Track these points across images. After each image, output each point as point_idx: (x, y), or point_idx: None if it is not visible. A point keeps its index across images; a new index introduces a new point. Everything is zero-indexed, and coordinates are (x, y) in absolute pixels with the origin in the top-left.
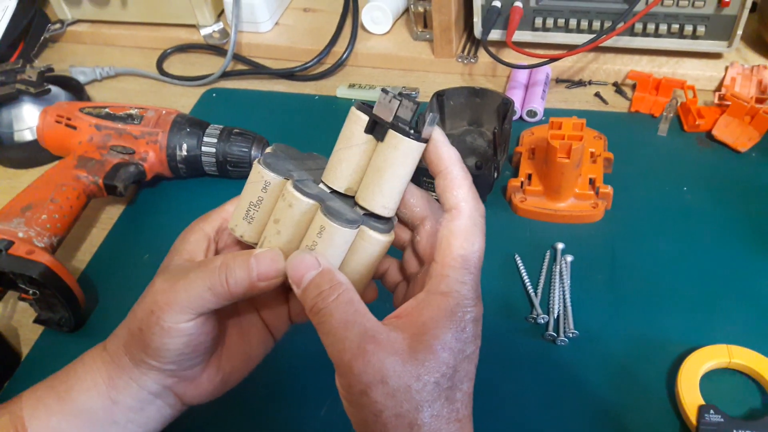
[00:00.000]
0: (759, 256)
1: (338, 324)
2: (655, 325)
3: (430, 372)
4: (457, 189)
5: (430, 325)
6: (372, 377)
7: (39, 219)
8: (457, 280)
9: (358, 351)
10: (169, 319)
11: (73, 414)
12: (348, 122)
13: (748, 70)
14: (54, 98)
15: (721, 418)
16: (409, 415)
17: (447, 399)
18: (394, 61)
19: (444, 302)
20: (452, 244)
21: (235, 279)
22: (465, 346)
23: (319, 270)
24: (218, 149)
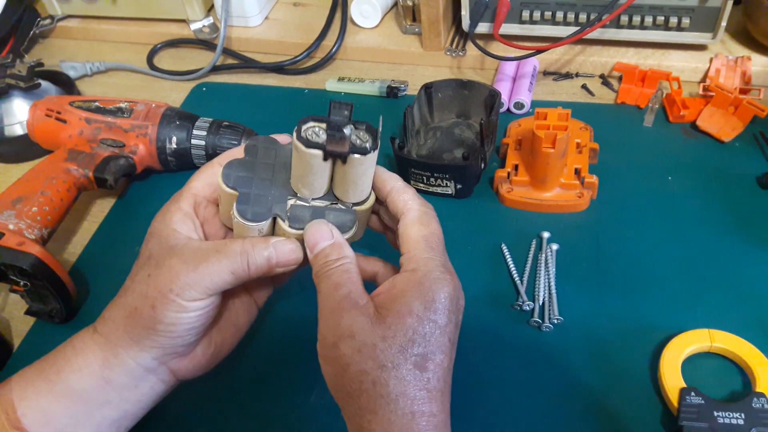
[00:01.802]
0: (740, 243)
1: (331, 285)
2: (638, 311)
3: (396, 335)
4: (403, 195)
5: (399, 295)
6: (343, 331)
7: (29, 211)
8: (421, 257)
9: (337, 307)
10: (189, 296)
11: (64, 395)
12: (301, 157)
13: (732, 61)
14: (44, 93)
15: (701, 400)
16: (372, 372)
17: (415, 365)
18: (383, 55)
19: (412, 276)
20: (411, 232)
21: (256, 264)
22: (436, 317)
23: (332, 242)
24: (208, 142)
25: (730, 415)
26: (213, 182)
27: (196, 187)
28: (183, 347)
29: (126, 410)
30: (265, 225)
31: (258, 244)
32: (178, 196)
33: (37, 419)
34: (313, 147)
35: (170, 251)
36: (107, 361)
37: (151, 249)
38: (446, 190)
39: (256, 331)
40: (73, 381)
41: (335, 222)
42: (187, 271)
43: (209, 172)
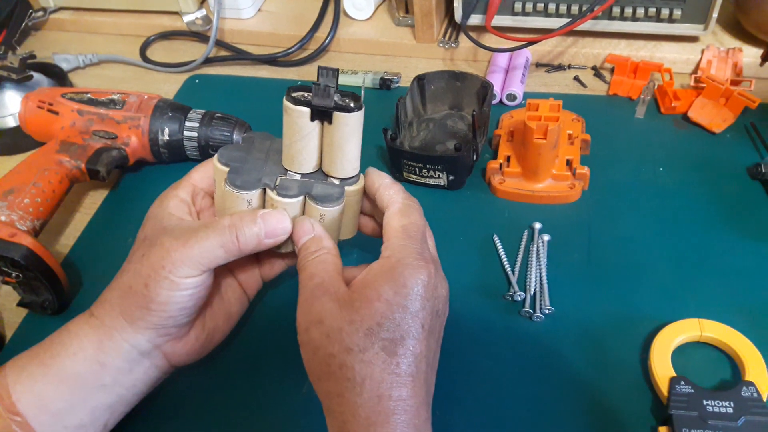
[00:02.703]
0: (730, 233)
1: (306, 275)
2: (629, 301)
3: (364, 319)
4: (389, 190)
5: (371, 281)
6: (313, 317)
7: (21, 203)
8: (396, 244)
9: (309, 295)
10: (181, 272)
11: (59, 379)
12: (290, 117)
13: (724, 52)
14: (36, 85)
15: (691, 389)
16: (339, 355)
17: (384, 349)
18: (376, 47)
19: (385, 262)
20: (392, 222)
21: (245, 237)
22: (406, 302)
23: (312, 236)
24: (200, 133)
25: (719, 404)
26: (212, 175)
27: (195, 178)
28: (176, 329)
29: (120, 395)
30: (255, 196)
31: (246, 216)
32: (176, 184)
33: (33, 403)
34: (301, 104)
35: (163, 231)
36: (102, 344)
37: (147, 231)
38: (439, 182)
39: (248, 322)
40: (68, 365)
41: (322, 194)
42: (178, 247)
43: (210, 166)
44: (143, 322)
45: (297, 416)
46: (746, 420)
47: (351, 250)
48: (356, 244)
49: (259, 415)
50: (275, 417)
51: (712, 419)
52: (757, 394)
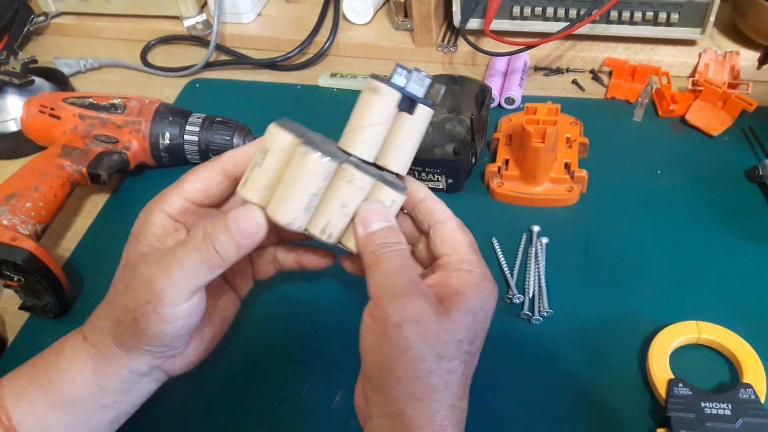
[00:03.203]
0: (728, 236)
1: (395, 267)
2: (627, 304)
3: (457, 329)
4: (437, 204)
5: (460, 291)
6: (411, 315)
7: (23, 207)
8: (474, 260)
9: (405, 289)
10: (168, 304)
11: (59, 404)
12: (376, 98)
13: (721, 56)
14: (38, 89)
15: (689, 391)
16: (430, 361)
17: (464, 362)
18: (375, 51)
19: (469, 276)
20: (457, 236)
21: (222, 245)
22: (485, 318)
23: (389, 225)
24: (201, 138)
25: (717, 406)
26: (207, 188)
27: (187, 190)
28: (174, 350)
29: (120, 411)
30: (333, 168)
31: (218, 224)
32: (164, 194)
33: (34, 428)
34: (393, 87)
35: (142, 258)
36: (100, 369)
37: (129, 254)
38: (437, 185)
39: (247, 325)
40: (68, 390)
41: (393, 181)
42: (159, 276)
43: (205, 176)
44: (139, 351)
45: (297, 417)
46: (744, 422)
47: None
48: None
49: (259, 416)
50: (275, 419)
51: (709, 421)
52: (755, 396)
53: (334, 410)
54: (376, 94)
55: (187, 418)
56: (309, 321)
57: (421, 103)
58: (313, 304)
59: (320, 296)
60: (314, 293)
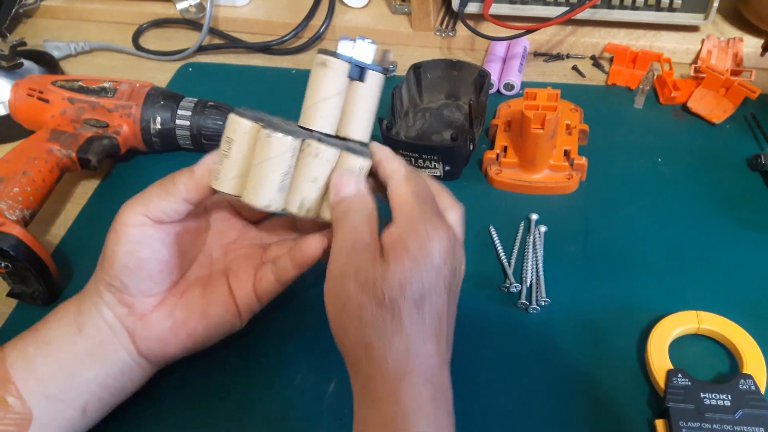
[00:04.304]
0: (729, 225)
1: (350, 228)
2: (626, 293)
3: (395, 274)
4: (392, 163)
5: (397, 238)
6: (349, 268)
7: (10, 192)
8: (413, 206)
9: (349, 247)
10: (122, 219)
11: (45, 342)
12: (327, 71)
13: (724, 42)
14: (27, 72)
15: (688, 381)
16: (371, 307)
17: (412, 304)
18: (372, 35)
19: (406, 220)
20: (401, 190)
21: (180, 173)
22: (431, 260)
23: (358, 190)
24: (192, 122)
25: (716, 397)
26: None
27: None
28: (131, 297)
29: (96, 373)
30: (297, 145)
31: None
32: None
33: (23, 367)
34: (341, 58)
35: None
36: (80, 308)
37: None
38: (435, 172)
39: None
40: (52, 328)
41: (358, 149)
42: (128, 200)
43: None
44: (102, 282)
45: (290, 407)
46: (744, 413)
47: None
48: None
49: (252, 406)
50: (268, 408)
51: (709, 412)
52: (755, 387)
53: (328, 399)
54: (326, 68)
55: (179, 408)
56: (301, 309)
57: (371, 69)
58: (305, 293)
59: (313, 286)
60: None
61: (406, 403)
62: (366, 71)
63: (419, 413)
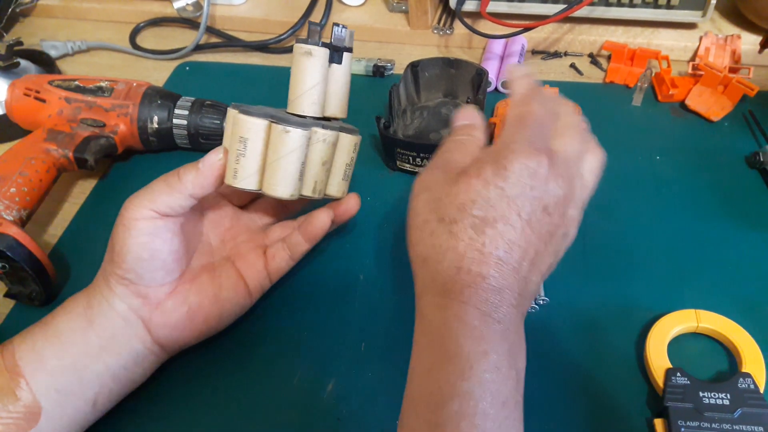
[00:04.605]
0: (728, 223)
1: (442, 150)
2: (625, 292)
3: (459, 193)
4: (516, 82)
5: (477, 160)
6: (424, 184)
7: (7, 192)
8: (509, 131)
9: (434, 165)
10: (130, 215)
11: (54, 335)
12: (313, 61)
13: (722, 40)
14: (23, 72)
15: (687, 380)
16: (432, 222)
17: (473, 227)
18: (370, 33)
19: (494, 146)
20: (511, 111)
21: (185, 169)
22: (504, 184)
23: (466, 122)
24: (190, 121)
25: (715, 396)
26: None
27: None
28: (145, 288)
29: (108, 365)
30: (308, 135)
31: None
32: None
33: (32, 360)
34: (324, 46)
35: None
36: (90, 302)
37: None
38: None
39: None
40: (62, 321)
41: (348, 127)
42: (133, 195)
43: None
44: (113, 276)
45: (288, 407)
46: (743, 412)
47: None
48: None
49: (249, 405)
50: (265, 408)
51: (708, 411)
52: (754, 385)
53: (326, 399)
54: (312, 57)
55: (176, 408)
56: (300, 310)
57: (346, 51)
58: (303, 293)
59: (311, 285)
60: (305, 283)
61: (451, 326)
62: (342, 53)
63: (464, 333)
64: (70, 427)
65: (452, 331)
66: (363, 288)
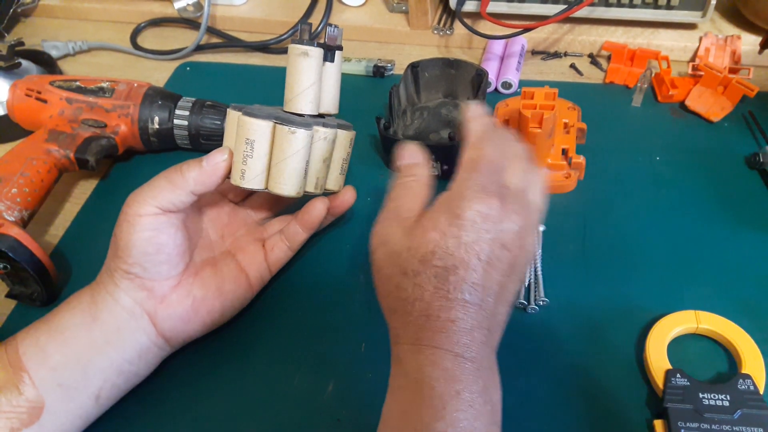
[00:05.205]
0: (728, 224)
1: (389, 197)
2: (624, 293)
3: (419, 246)
4: (469, 123)
5: (430, 211)
6: (380, 239)
7: (9, 193)
8: (461, 176)
9: (385, 217)
10: (134, 211)
11: (57, 330)
12: (310, 61)
13: (722, 40)
14: (25, 72)
15: (687, 381)
16: (396, 277)
17: (436, 276)
18: (370, 33)
19: (446, 194)
20: (464, 154)
21: (189, 167)
22: (460, 232)
23: (411, 160)
24: (190, 122)
25: (715, 397)
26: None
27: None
28: (151, 281)
29: (112, 359)
30: (312, 134)
31: (194, 159)
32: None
33: (35, 355)
34: (319, 46)
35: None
36: (94, 298)
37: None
38: (432, 172)
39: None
40: (66, 317)
41: (345, 124)
42: (133, 194)
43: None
44: (118, 272)
45: (288, 406)
46: (742, 413)
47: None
48: None
49: (250, 405)
50: (265, 407)
51: (708, 412)
52: (754, 387)
53: (326, 400)
54: (309, 58)
55: (175, 410)
56: (299, 311)
57: (338, 50)
58: (304, 294)
59: (311, 286)
60: (305, 284)
61: (425, 370)
62: (335, 52)
63: (438, 376)
64: (74, 422)
65: (426, 375)
66: (363, 288)
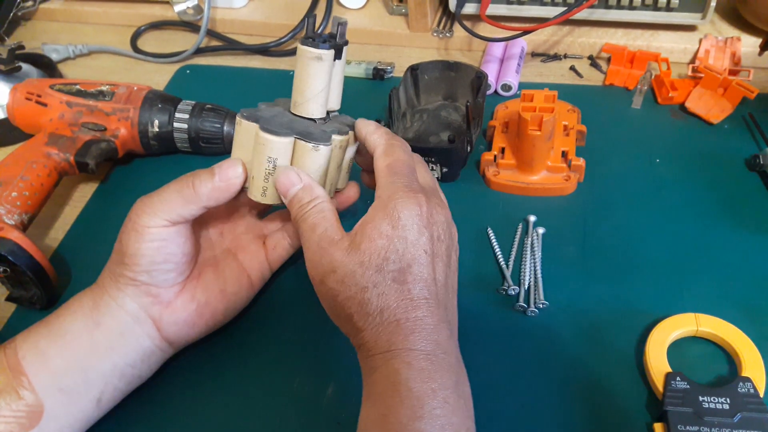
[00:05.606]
0: (728, 226)
1: (308, 227)
2: (624, 296)
3: (371, 257)
4: (373, 136)
5: (369, 221)
6: (325, 268)
7: (9, 196)
8: (385, 183)
9: (317, 248)
10: (143, 222)
11: (59, 335)
12: (323, 65)
13: (722, 42)
14: (25, 76)
15: (687, 384)
16: (357, 295)
17: (394, 281)
18: (370, 36)
19: (378, 202)
20: (378, 164)
21: (200, 181)
22: (405, 233)
23: (302, 185)
24: (190, 125)
25: (715, 400)
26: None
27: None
28: (156, 288)
29: (115, 363)
30: (290, 143)
31: (204, 170)
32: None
33: (35, 359)
34: (326, 47)
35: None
36: (96, 303)
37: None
38: (433, 174)
39: (236, 319)
40: (67, 321)
41: (348, 125)
42: (142, 202)
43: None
44: (123, 278)
45: (288, 410)
46: (742, 416)
47: None
48: None
49: (250, 409)
50: (266, 410)
51: (707, 415)
52: (754, 390)
53: (326, 403)
54: (322, 62)
55: (176, 413)
56: (299, 313)
57: (345, 45)
58: (304, 296)
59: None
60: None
61: (401, 372)
62: (342, 49)
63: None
64: (74, 425)
65: (402, 377)
66: None
